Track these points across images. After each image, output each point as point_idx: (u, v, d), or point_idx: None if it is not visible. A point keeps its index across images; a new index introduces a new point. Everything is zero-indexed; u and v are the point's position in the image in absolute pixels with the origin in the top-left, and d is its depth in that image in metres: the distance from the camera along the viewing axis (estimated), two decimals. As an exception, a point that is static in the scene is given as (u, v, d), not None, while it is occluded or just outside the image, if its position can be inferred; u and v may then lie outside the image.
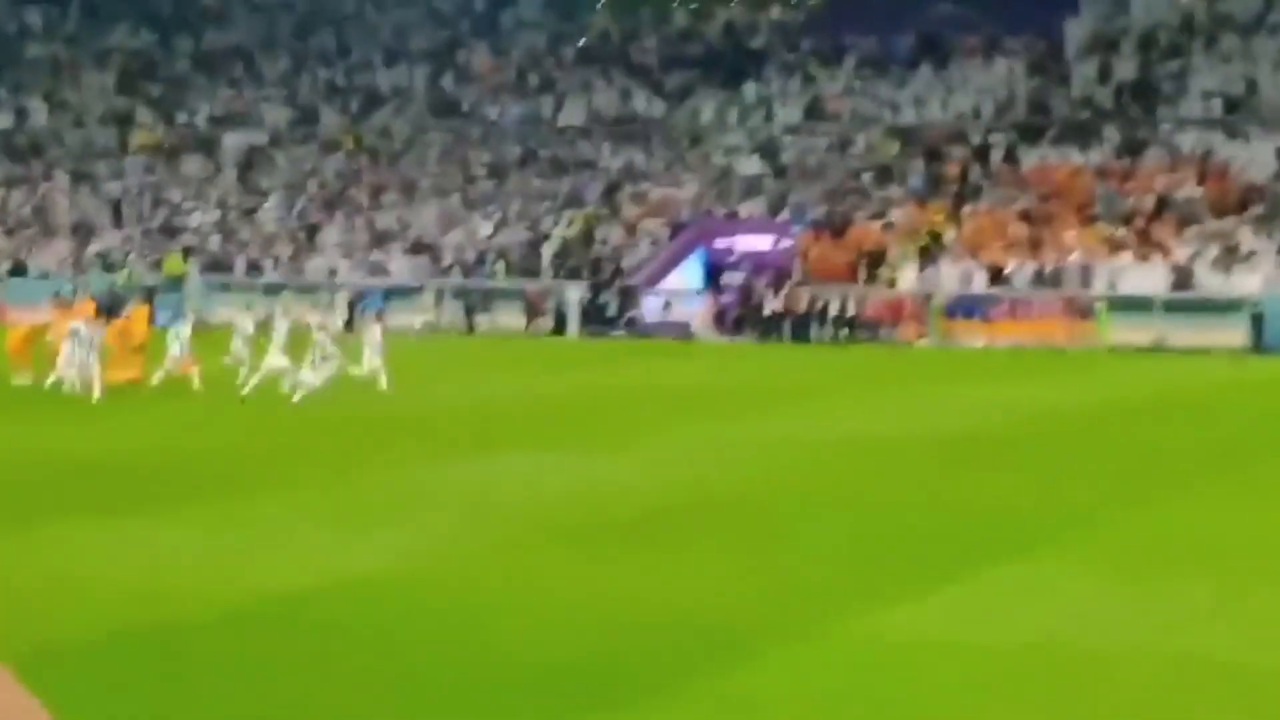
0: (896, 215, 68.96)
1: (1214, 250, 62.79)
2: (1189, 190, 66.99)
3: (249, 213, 78.64)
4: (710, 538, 21.43)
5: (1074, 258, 63.96)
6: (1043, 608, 17.94)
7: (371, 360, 37.94)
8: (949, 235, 66.82)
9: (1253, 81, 73.27)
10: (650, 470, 27.96)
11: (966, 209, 68.78)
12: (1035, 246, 65.28)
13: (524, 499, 24.44)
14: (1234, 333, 57.63)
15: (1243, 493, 26.19)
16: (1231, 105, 72.48)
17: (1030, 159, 71.85)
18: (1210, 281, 61.32)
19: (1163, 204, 66.46)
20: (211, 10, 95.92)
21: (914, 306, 62.81)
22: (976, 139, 74.11)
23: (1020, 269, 64.09)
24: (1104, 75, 75.85)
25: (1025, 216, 67.24)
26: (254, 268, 72.79)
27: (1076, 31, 78.79)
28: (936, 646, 16.02)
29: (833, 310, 62.44)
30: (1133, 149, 70.89)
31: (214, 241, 76.36)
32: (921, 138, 74.75)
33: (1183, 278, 61.67)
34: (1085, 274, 63.12)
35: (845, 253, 66.82)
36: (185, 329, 39.49)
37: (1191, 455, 30.95)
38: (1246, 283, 60.69)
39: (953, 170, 71.91)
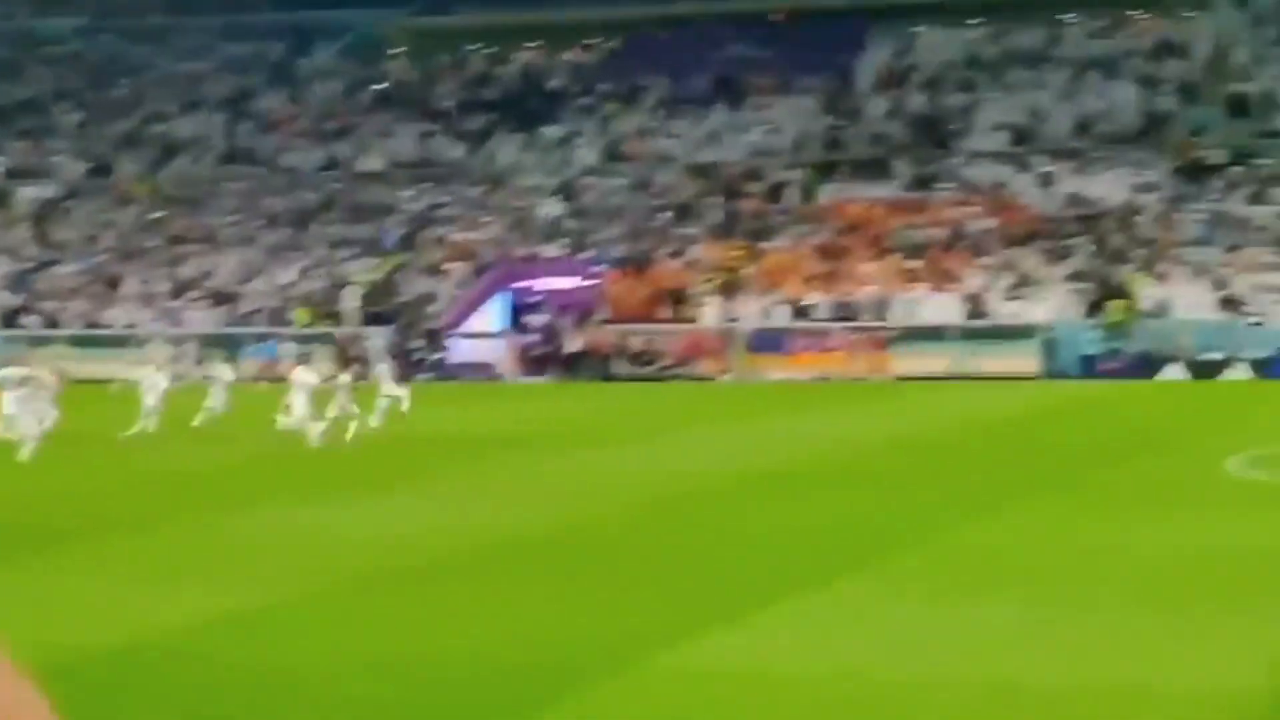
0: (696, 252, 69.70)
1: (1005, 280, 64.34)
2: (980, 222, 68.51)
3: (45, 266, 77.44)
4: (520, 577, 21.23)
5: (870, 290, 65.13)
6: (852, 635, 18.09)
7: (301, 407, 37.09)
8: (748, 271, 67.63)
9: (1039, 114, 75.04)
10: (458, 511, 27.86)
11: (765, 245, 69.67)
12: (832, 280, 66.36)
13: (331, 546, 24.20)
14: (1026, 360, 59.11)
15: (1047, 516, 26.66)
16: (1019, 138, 74.18)
17: (825, 194, 73.04)
18: (1002, 310, 62.81)
19: (955, 236, 67.90)
20: (3, 63, 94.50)
21: (716, 342, 63.61)
22: (773, 176, 75.06)
23: (819, 303, 65.14)
24: (894, 111, 77.35)
25: (822, 251, 68.33)
26: (51, 323, 71.61)
27: (867, 69, 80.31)
28: (747, 677, 16.07)
29: (636, 348, 63.00)
30: (924, 183, 72.35)
31: (6, 296, 74.91)
32: (719, 175, 75.55)
33: (976, 307, 63.04)
34: (881, 306, 64.29)
35: (647, 291, 67.49)
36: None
37: (994, 481, 31.50)
38: (1037, 311, 62.25)
39: (750, 207, 72.82)
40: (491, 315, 69.26)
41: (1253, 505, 26.97)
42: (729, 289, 66.90)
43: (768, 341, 63.69)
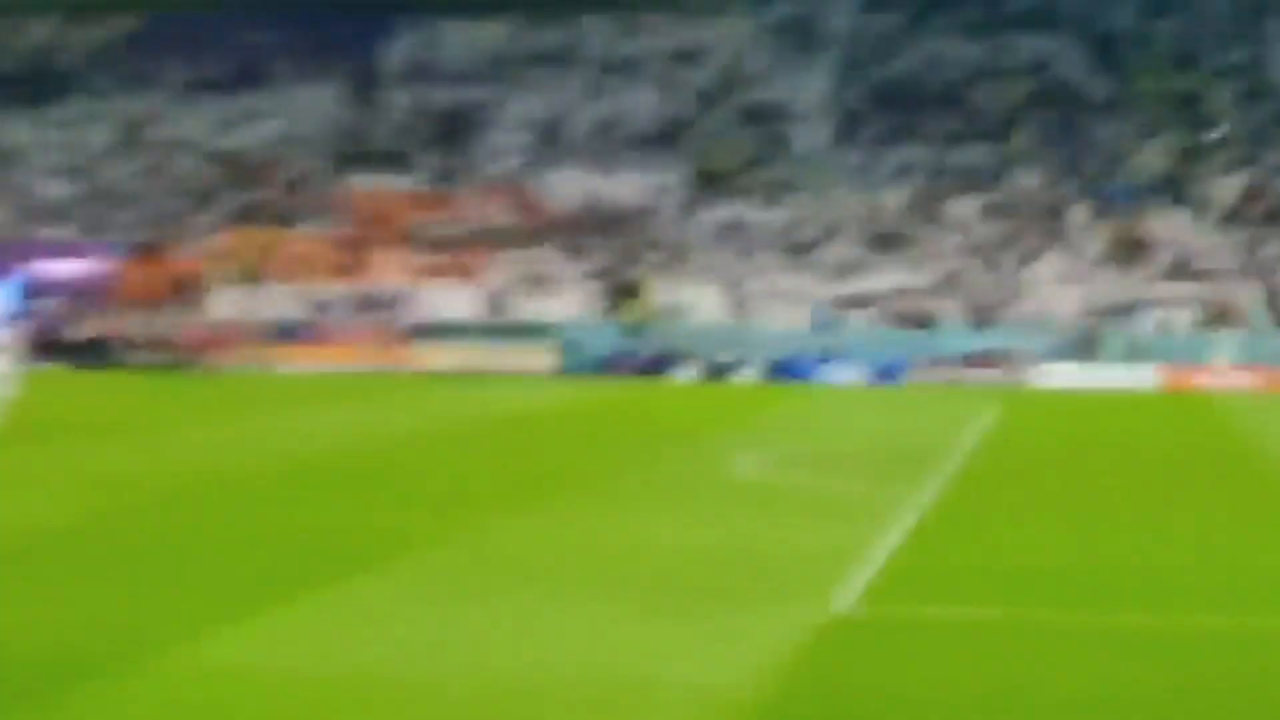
0: (215, 241, 69.13)
1: (525, 277, 65.38)
2: (501, 218, 69.45)
3: None
4: (33, 569, 20.69)
5: (390, 283, 65.48)
6: (366, 634, 17.94)
7: None
8: (267, 260, 67.38)
9: (561, 113, 76.31)
10: None
11: (285, 234, 69.39)
12: (353, 271, 66.55)
13: None
14: (544, 357, 60.18)
15: (563, 515, 26.83)
16: (542, 136, 75.33)
17: (346, 184, 73.13)
18: (522, 307, 63.83)
19: (476, 231, 68.70)
20: None
21: (232, 332, 63.08)
22: (294, 165, 74.86)
23: (339, 294, 65.25)
24: (417, 104, 77.79)
25: (344, 242, 68.42)
26: None
27: (391, 61, 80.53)
28: (259, 674, 16.00)
29: (149, 336, 62.15)
30: (446, 177, 72.97)
31: None
32: (239, 163, 75.00)
33: (495, 303, 63.91)
34: (401, 299, 64.69)
35: (162, 277, 66.69)
36: None
37: (509, 478, 31.77)
38: (555, 309, 63.42)
39: (270, 196, 72.51)
40: (3, 298, 67.42)
41: (757, 504, 27.74)
42: (247, 278, 66.55)
43: (286, 332, 63.55)
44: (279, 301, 65.29)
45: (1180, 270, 63.75)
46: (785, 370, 59.79)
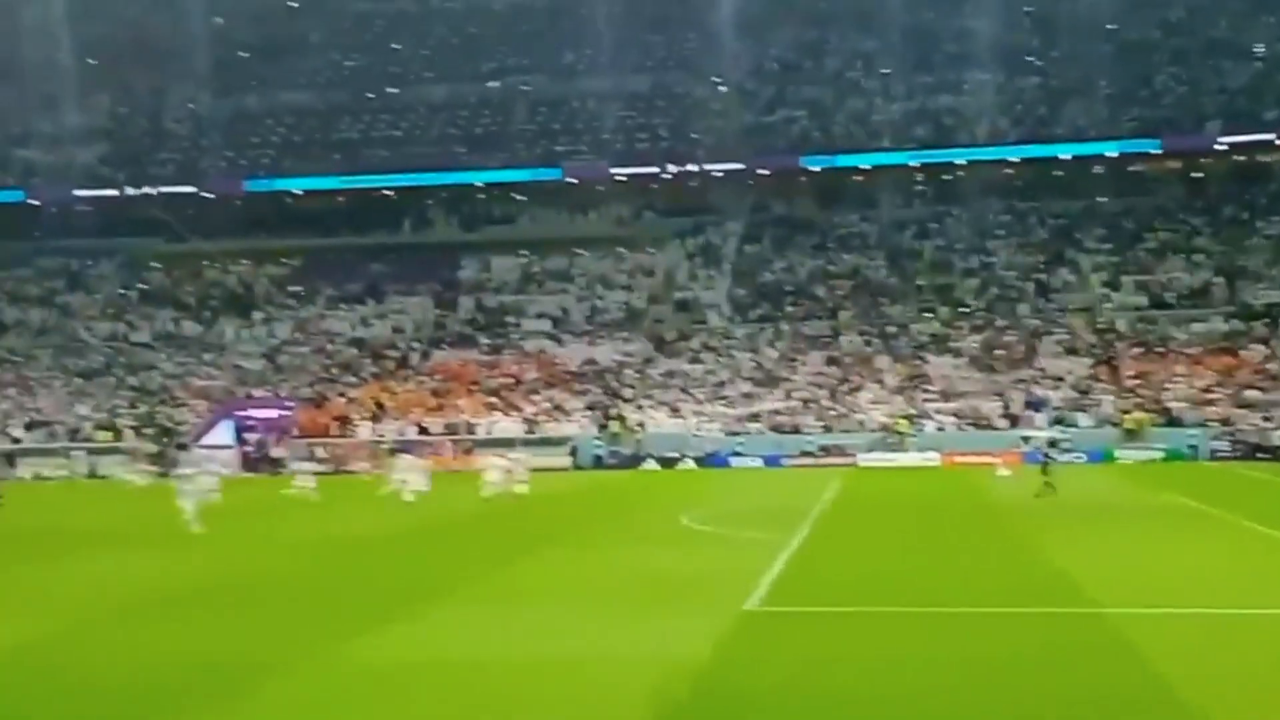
0: (355, 394, 69.56)
1: (547, 409, 65.87)
2: (531, 373, 70.08)
3: None
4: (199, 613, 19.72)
5: (463, 416, 66.04)
6: (484, 621, 17.96)
7: None
8: (389, 405, 67.85)
9: (566, 308, 76.73)
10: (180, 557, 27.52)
11: (399, 388, 69.91)
12: (441, 410, 67.07)
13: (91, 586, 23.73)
14: (562, 458, 60.16)
15: (562, 553, 26.85)
16: (556, 323, 75.50)
17: (437, 356, 73.48)
18: (547, 428, 64.16)
19: (517, 382, 69.28)
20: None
21: (370, 448, 63.65)
22: (402, 346, 75.35)
23: (433, 424, 65.74)
24: (478, 305, 78.27)
25: (435, 392, 69.02)
26: None
27: (461, 280, 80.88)
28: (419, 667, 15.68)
29: (320, 453, 62.72)
30: (497, 350, 73.47)
31: None
32: (370, 345, 75.47)
33: (531, 427, 64.45)
34: (470, 426, 65.15)
35: (325, 418, 67.26)
36: None
37: (540, 527, 31.59)
38: (567, 428, 63.78)
39: (389, 364, 73.05)
40: (223, 433, 67.96)
41: (695, 544, 27.95)
42: (376, 416, 67.09)
43: (401, 448, 63.82)
44: (396, 429, 65.89)
45: (947, 395, 64.72)
46: (710, 460, 60.15)
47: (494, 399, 67.55)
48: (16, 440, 67.29)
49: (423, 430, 65.20)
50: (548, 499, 42.03)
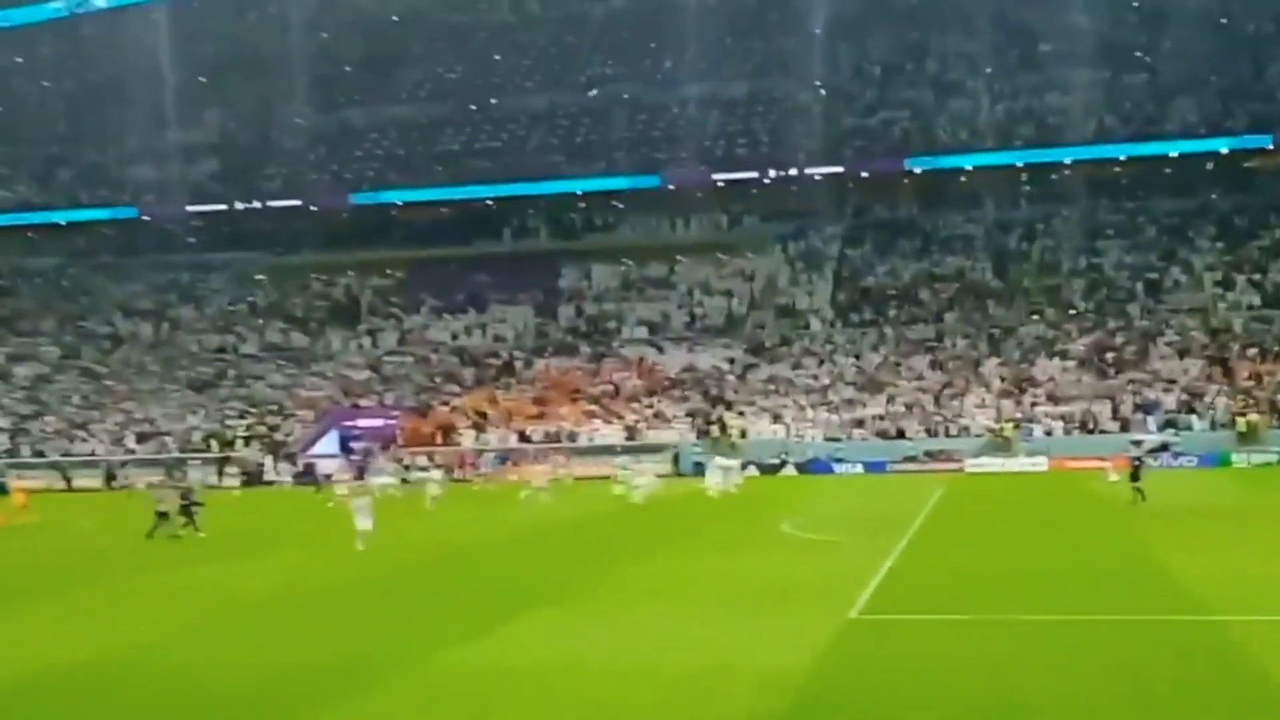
0: (458, 402, 70.17)
1: (649, 416, 65.91)
2: (631, 380, 70.23)
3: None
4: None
5: (567, 424, 66.32)
6: (581, 628, 18.10)
7: None
8: (492, 413, 68.33)
9: (665, 314, 76.70)
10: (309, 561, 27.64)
11: (502, 396, 70.34)
12: (544, 417, 67.42)
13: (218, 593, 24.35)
14: (664, 465, 59.41)
15: (686, 554, 26.50)
16: (653, 330, 75.64)
17: (538, 365, 73.90)
18: (649, 434, 64.25)
19: (617, 390, 69.48)
20: None
21: (474, 456, 64.23)
22: (505, 353, 75.88)
23: (536, 432, 66.10)
24: (578, 313, 78.64)
25: (536, 400, 69.39)
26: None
27: (561, 288, 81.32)
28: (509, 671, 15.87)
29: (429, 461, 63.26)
30: (599, 358, 73.78)
31: None
32: (472, 354, 76.10)
33: (632, 434, 64.55)
34: (572, 434, 65.42)
35: (429, 426, 67.92)
36: None
37: (652, 532, 31.78)
38: (668, 435, 63.76)
39: (491, 374, 73.56)
40: (329, 444, 68.99)
41: (797, 550, 27.76)
42: (479, 425, 67.62)
43: (505, 456, 64.35)
44: (501, 437, 66.34)
45: (1055, 399, 63.64)
46: (812, 467, 59.79)
47: (595, 406, 67.73)
48: (130, 451, 68.88)
49: (524, 438, 65.47)
50: (650, 505, 41.90)
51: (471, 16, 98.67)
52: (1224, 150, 74.81)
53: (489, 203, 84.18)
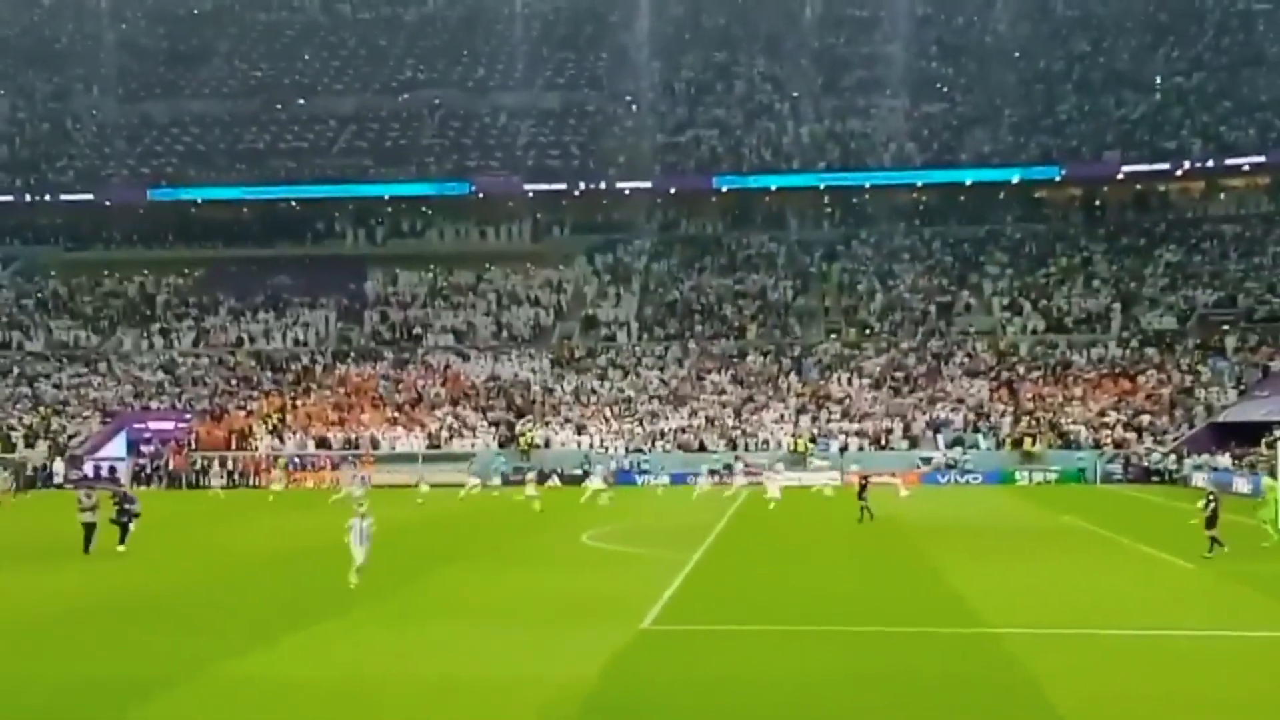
0: (255, 406, 68.45)
1: (451, 424, 65.39)
2: (435, 388, 69.49)
3: None
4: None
5: (368, 430, 65.25)
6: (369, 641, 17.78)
7: None
8: (289, 418, 66.85)
9: (470, 324, 76.15)
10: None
11: (301, 401, 68.91)
12: (344, 424, 66.24)
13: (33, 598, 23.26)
14: (465, 474, 59.34)
15: (479, 568, 26.48)
16: (458, 337, 75.12)
17: (339, 370, 72.61)
18: (451, 443, 63.63)
19: (420, 397, 68.65)
20: None
21: (269, 462, 62.74)
22: (305, 357, 74.35)
23: (335, 438, 64.86)
24: (384, 319, 77.50)
25: (337, 406, 68.12)
26: None
27: (366, 292, 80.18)
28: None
29: (217, 467, 61.52)
30: (402, 364, 72.77)
31: None
32: (272, 358, 74.42)
33: (435, 442, 63.76)
34: (374, 440, 64.39)
35: (224, 430, 66.10)
36: None
37: (455, 544, 31.39)
38: (471, 443, 63.29)
39: (290, 377, 72.00)
40: (117, 445, 66.48)
41: (595, 563, 27.77)
42: (276, 430, 66.08)
43: (301, 462, 63.15)
44: (297, 443, 64.90)
45: (850, 415, 65.07)
46: (617, 479, 59.10)
47: (397, 414, 66.79)
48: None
49: (321, 442, 64.17)
50: (449, 516, 41.42)
51: (280, 14, 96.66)
52: (1015, 180, 77.92)
53: (293, 203, 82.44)
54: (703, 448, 62.26)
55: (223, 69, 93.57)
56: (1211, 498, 28.09)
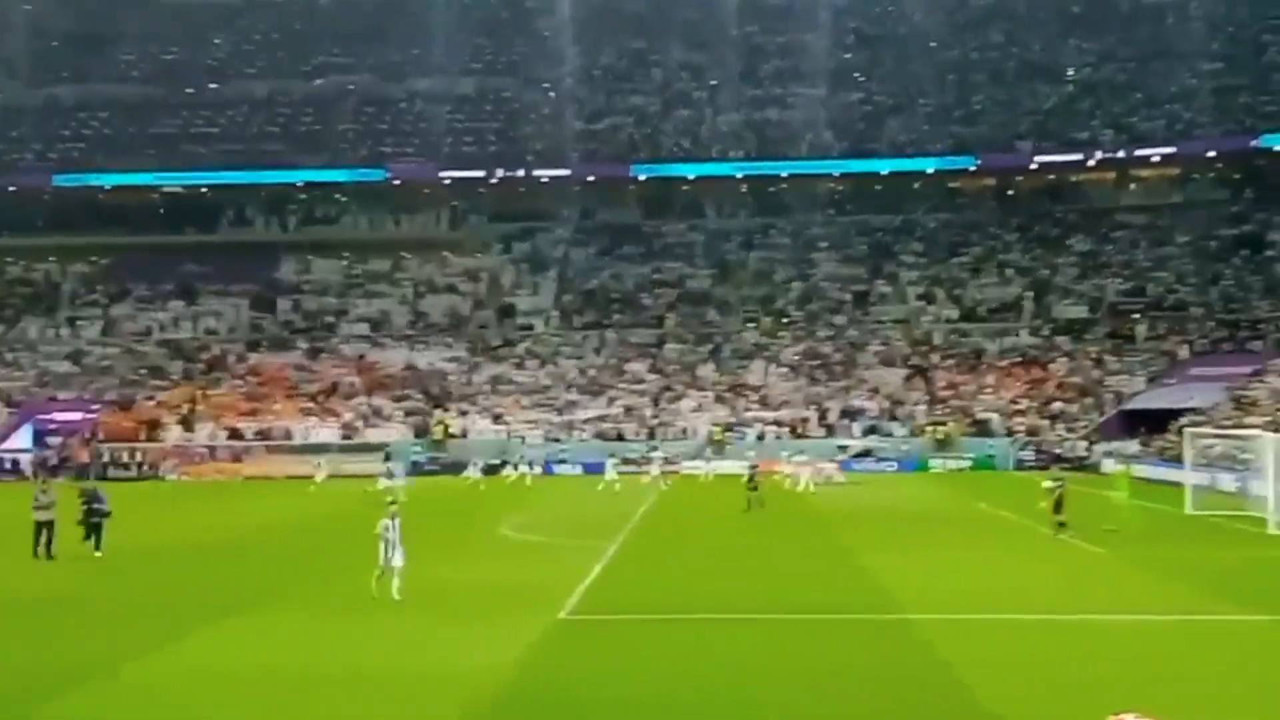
0: (165, 397, 67.47)
1: (366, 414, 64.90)
2: (350, 378, 68.92)
3: None
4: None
5: (280, 421, 64.54)
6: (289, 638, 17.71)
7: None
8: (200, 409, 65.97)
9: (385, 312, 75.63)
10: None
11: (211, 392, 68.00)
12: (257, 414, 65.50)
13: None
14: (378, 465, 58.52)
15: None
16: (375, 326, 74.51)
17: (252, 359, 71.78)
18: (365, 433, 63.19)
19: (335, 387, 68.08)
20: None
21: (177, 454, 61.79)
22: (216, 347, 73.37)
23: (248, 429, 64.13)
24: (297, 308, 76.56)
25: (249, 396, 67.35)
26: None
27: (280, 280, 79.21)
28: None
29: (125, 458, 60.52)
30: (316, 353, 72.07)
31: None
32: (182, 347, 73.34)
33: (349, 433, 63.19)
34: (288, 431, 63.75)
35: (131, 421, 65.04)
36: None
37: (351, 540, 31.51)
38: (386, 434, 62.84)
39: (201, 367, 71.06)
40: (23, 436, 65.12)
41: (513, 553, 27.74)
42: (186, 421, 65.20)
43: (212, 454, 62.34)
44: (208, 434, 64.11)
45: (766, 403, 65.41)
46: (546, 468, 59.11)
47: (311, 404, 66.13)
48: None
49: (235, 435, 63.40)
50: (368, 511, 40.61)
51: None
52: (930, 170, 78.66)
53: (204, 190, 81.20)
54: (620, 437, 62.28)
55: (132, 51, 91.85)
56: (1058, 484, 30.07)
